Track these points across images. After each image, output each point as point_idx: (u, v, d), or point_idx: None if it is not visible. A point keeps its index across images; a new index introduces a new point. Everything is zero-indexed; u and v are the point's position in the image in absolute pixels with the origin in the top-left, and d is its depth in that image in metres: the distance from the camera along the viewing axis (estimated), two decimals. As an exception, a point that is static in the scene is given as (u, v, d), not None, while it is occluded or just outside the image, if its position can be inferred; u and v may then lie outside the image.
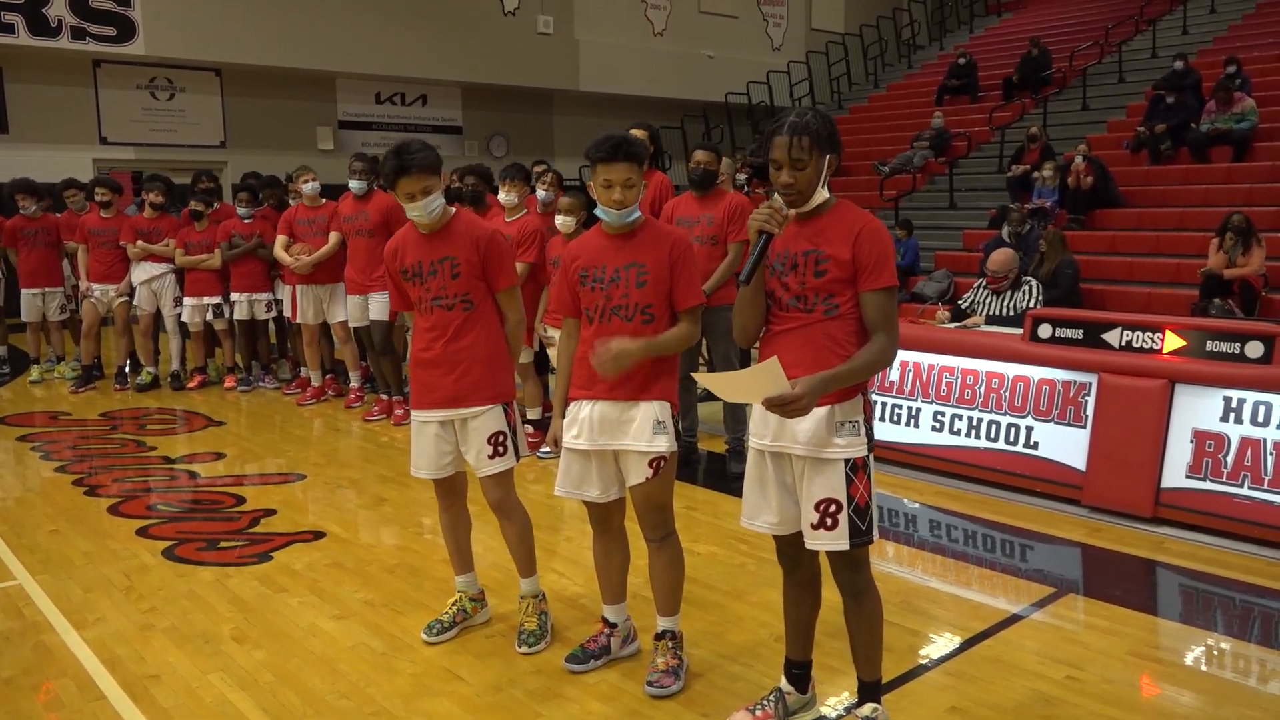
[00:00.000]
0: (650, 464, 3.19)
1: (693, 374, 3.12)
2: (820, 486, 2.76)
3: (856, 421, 2.75)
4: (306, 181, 7.55)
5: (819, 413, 2.72)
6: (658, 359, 3.18)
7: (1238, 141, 11.67)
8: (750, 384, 2.67)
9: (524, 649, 3.60)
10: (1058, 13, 19.74)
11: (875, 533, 2.81)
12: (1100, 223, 11.65)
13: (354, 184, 7.11)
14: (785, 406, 2.54)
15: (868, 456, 2.79)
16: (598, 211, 3.21)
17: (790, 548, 2.94)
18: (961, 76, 16.88)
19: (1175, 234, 10.82)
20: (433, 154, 3.48)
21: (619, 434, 3.20)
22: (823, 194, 2.75)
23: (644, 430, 3.17)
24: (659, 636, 3.37)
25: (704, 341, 7.21)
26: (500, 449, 3.58)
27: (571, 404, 3.29)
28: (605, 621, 3.52)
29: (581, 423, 3.24)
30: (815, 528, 2.78)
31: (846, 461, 2.75)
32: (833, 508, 2.75)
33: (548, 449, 6.36)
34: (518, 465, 3.70)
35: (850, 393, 2.75)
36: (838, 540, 2.76)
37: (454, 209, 3.61)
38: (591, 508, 3.38)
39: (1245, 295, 9.08)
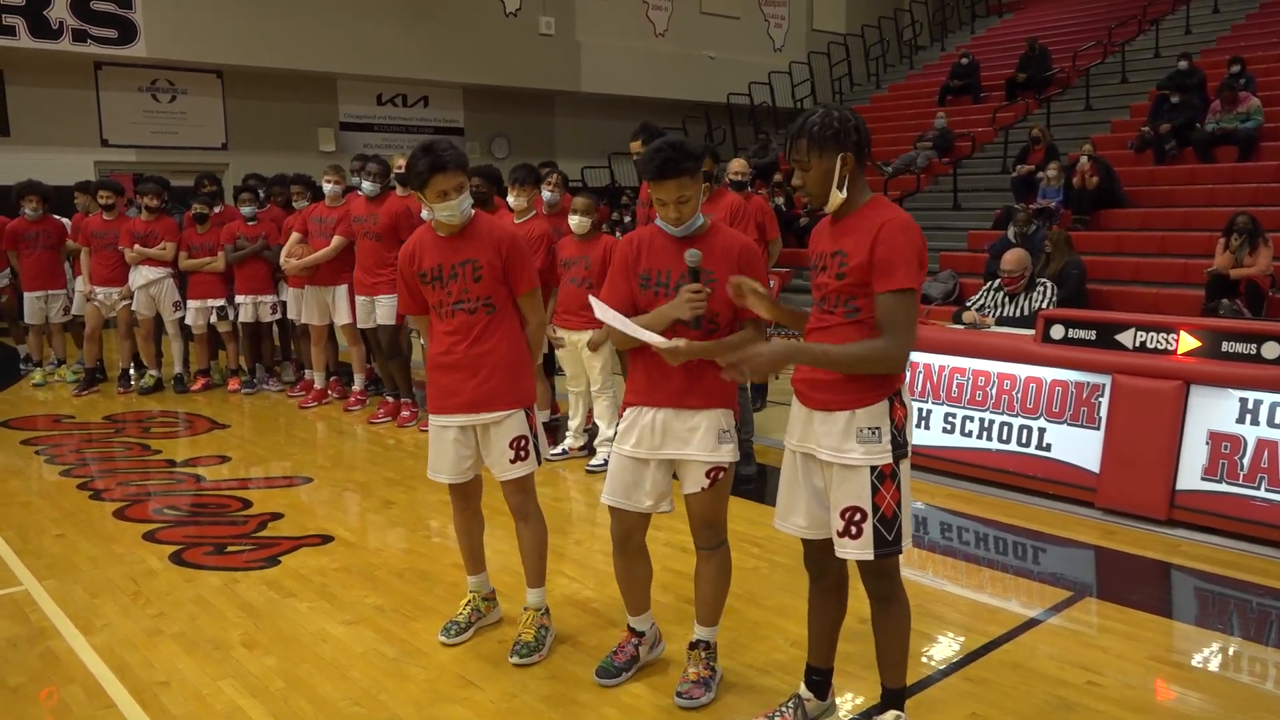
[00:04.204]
0: (708, 474, 3.11)
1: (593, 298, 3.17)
2: (845, 493, 2.71)
3: (878, 429, 2.66)
4: (328, 182, 7.49)
5: (839, 417, 2.68)
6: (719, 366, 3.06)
7: (1243, 141, 11.64)
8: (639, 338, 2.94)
9: (515, 659, 3.53)
10: (1059, 13, 19.71)
11: (905, 543, 2.73)
12: (1105, 223, 11.62)
13: (367, 185, 7.08)
14: (669, 354, 2.88)
15: (896, 465, 2.70)
16: (658, 223, 3.11)
17: (817, 553, 2.90)
18: (964, 77, 16.85)
19: (1181, 234, 10.78)
20: (462, 153, 3.45)
21: (682, 443, 3.11)
22: (840, 195, 2.67)
23: (708, 439, 3.08)
24: (694, 645, 3.29)
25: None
26: (522, 453, 3.54)
27: (629, 410, 3.19)
28: (631, 630, 3.44)
29: (642, 430, 3.13)
30: (841, 535, 2.73)
31: (872, 469, 2.68)
32: (857, 516, 2.69)
33: (557, 451, 6.35)
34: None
35: (872, 398, 2.66)
36: (863, 550, 2.70)
37: (473, 211, 3.57)
38: (617, 520, 3.27)
39: (1252, 295, 9.03)
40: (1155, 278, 10.37)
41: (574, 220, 5.75)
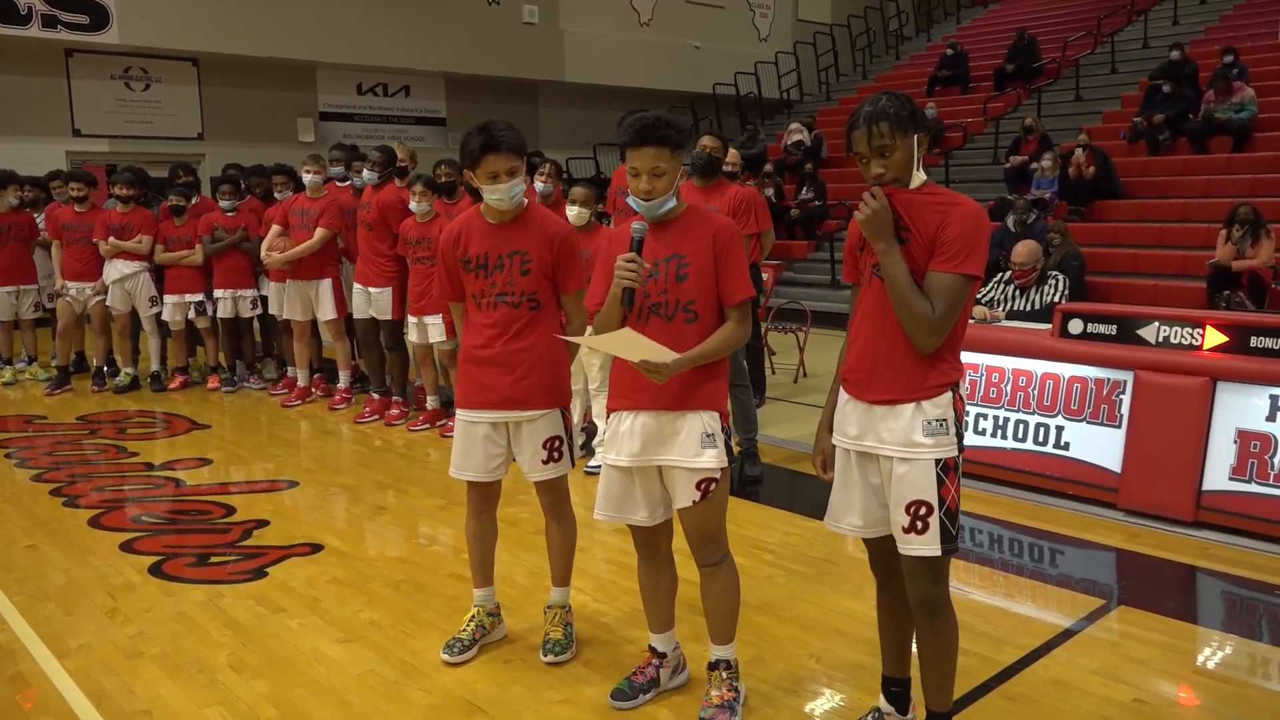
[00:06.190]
0: (699, 485, 2.87)
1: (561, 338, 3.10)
2: (910, 487, 2.54)
3: (945, 420, 2.53)
4: (308, 172, 7.24)
5: (904, 410, 2.53)
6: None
7: (1237, 131, 11.54)
8: (625, 345, 2.73)
9: (549, 658, 3.42)
10: (1046, 2, 19.59)
11: (961, 539, 2.61)
12: (1100, 214, 11.50)
13: (367, 173, 6.91)
14: (649, 371, 2.71)
15: (958, 457, 2.57)
16: (629, 201, 2.93)
17: (885, 554, 2.71)
18: (952, 67, 16.71)
19: (1179, 225, 10.67)
20: (520, 136, 3.25)
21: (664, 448, 2.90)
22: (921, 176, 2.53)
23: (690, 444, 2.86)
24: (713, 666, 3.07)
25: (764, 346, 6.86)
26: (555, 455, 3.39)
27: (611, 416, 3.00)
28: (653, 651, 3.22)
29: (622, 436, 2.94)
30: (906, 531, 2.56)
31: (937, 462, 2.53)
32: (923, 510, 2.53)
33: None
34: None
35: (938, 389, 2.53)
36: (930, 545, 2.54)
37: (526, 201, 3.35)
38: (636, 531, 3.08)
39: (1255, 287, 8.92)
40: (1154, 269, 10.25)
41: (572, 212, 5.50)
